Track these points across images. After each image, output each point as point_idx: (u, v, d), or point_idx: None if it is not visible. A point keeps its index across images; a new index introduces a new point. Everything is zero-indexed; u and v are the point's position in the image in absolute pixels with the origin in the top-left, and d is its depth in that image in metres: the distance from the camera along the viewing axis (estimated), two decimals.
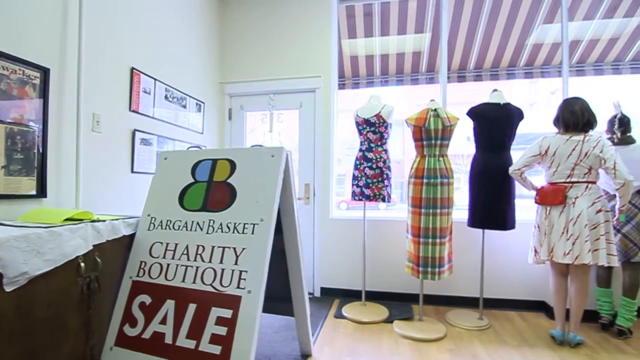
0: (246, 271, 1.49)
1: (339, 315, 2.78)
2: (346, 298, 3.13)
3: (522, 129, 2.61)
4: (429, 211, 2.47)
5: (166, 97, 2.62)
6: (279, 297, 2.10)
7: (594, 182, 2.21)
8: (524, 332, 2.51)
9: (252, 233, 1.55)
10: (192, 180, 1.76)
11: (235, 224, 1.59)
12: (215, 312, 1.47)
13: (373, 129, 2.72)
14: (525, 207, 2.76)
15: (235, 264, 1.52)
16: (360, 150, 2.78)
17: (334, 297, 3.19)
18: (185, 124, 2.87)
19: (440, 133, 2.47)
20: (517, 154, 2.46)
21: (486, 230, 2.73)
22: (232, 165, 1.72)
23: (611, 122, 2.50)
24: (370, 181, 2.70)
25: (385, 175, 2.70)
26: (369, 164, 2.71)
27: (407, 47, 3.90)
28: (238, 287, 1.48)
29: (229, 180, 1.69)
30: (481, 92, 4.28)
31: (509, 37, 3.67)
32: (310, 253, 3.26)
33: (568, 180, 2.23)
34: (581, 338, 2.28)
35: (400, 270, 3.02)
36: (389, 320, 2.67)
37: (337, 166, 3.34)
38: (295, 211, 1.83)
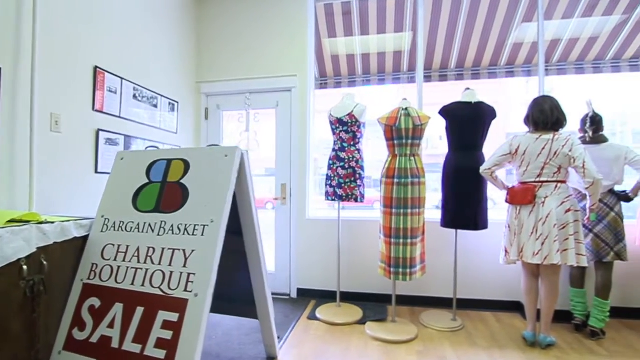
0: (194, 274, 1.46)
1: (312, 317, 2.74)
2: (323, 299, 3.09)
3: (517, 128, 2.55)
4: (399, 211, 2.44)
5: (135, 96, 2.59)
6: (242, 300, 2.07)
7: (564, 182, 2.19)
8: (497, 334, 2.49)
9: (202, 235, 1.51)
10: (147, 181, 1.73)
11: (186, 225, 1.56)
12: (162, 315, 1.44)
13: (346, 129, 2.69)
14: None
15: (184, 266, 1.49)
16: (334, 150, 2.75)
17: (311, 298, 3.16)
18: (157, 123, 2.83)
19: (411, 132, 2.45)
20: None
21: (461, 231, 2.70)
22: (186, 166, 1.68)
23: (583, 121, 2.48)
24: (343, 181, 2.67)
25: (358, 175, 2.67)
26: (342, 164, 2.68)
27: (388, 46, 3.88)
28: (185, 290, 1.45)
29: (182, 181, 1.66)
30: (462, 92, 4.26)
31: (488, 36, 3.64)
32: (287, 254, 3.23)
33: (538, 179, 2.20)
34: (552, 339, 2.26)
35: (376, 271, 2.99)
36: (362, 322, 2.64)
37: (313, 166, 3.31)
38: (253, 212, 1.80)
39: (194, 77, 3.36)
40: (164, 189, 1.67)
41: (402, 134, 2.45)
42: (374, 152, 5.47)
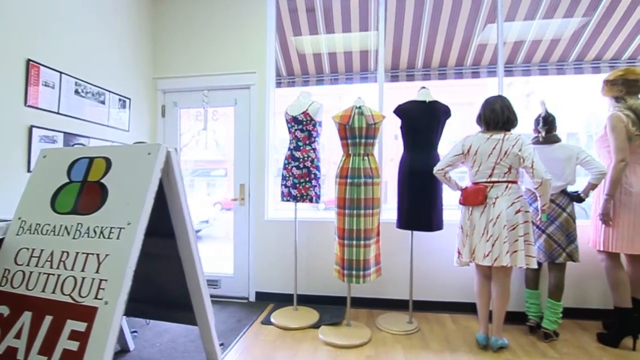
0: (106, 280, 1.36)
1: (266, 322, 2.66)
2: (281, 303, 3.01)
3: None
4: (352, 212, 2.38)
5: (77, 91, 2.46)
6: (179, 305, 1.97)
7: (515, 182, 2.16)
8: (451, 336, 2.44)
9: (118, 238, 1.41)
10: (67, 180, 1.62)
11: (102, 228, 1.46)
12: (70, 325, 1.33)
13: (301, 127, 2.61)
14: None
15: (97, 272, 1.39)
16: (289, 149, 2.67)
17: (269, 301, 3.07)
18: (105, 120, 2.71)
19: (365, 131, 2.39)
20: None
21: (419, 232, 2.66)
22: (108, 164, 1.58)
23: (536, 121, 2.46)
24: (297, 181, 2.60)
25: (313, 175, 2.60)
26: (296, 164, 2.60)
27: (354, 45, 3.82)
28: (96, 297, 1.34)
29: (102, 180, 1.55)
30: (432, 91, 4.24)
31: (453, 37, 3.62)
32: (246, 256, 3.13)
33: (489, 179, 2.17)
34: (504, 342, 2.23)
35: None
36: (316, 326, 2.57)
37: (274, 166, 3.23)
38: (185, 214, 1.71)
39: (150, 72, 3.24)
40: (83, 189, 1.57)
41: (356, 132, 2.39)
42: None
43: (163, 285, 2.01)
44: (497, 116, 2.17)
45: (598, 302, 2.67)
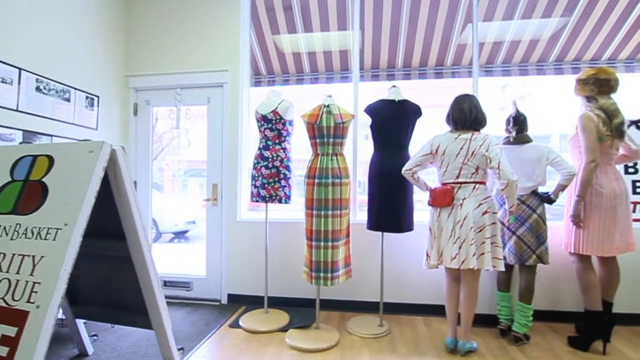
0: (39, 283, 1.30)
1: (234, 325, 2.60)
2: (253, 305, 2.95)
3: (492, 132, 2.45)
4: (320, 213, 2.33)
5: (39, 88, 2.39)
6: (135, 309, 1.91)
7: (482, 183, 2.12)
8: (421, 340, 2.40)
9: (54, 239, 1.35)
10: (9, 179, 1.56)
11: (40, 228, 1.40)
12: (1, 329, 1.27)
13: (270, 126, 2.56)
14: None
15: (31, 274, 1.33)
16: (259, 148, 2.62)
17: (242, 304, 3.01)
18: (70, 118, 2.64)
19: (333, 130, 2.34)
20: None
21: (392, 233, 2.61)
22: (51, 162, 1.52)
23: (507, 121, 2.43)
24: (266, 181, 2.54)
25: (282, 175, 2.55)
26: (265, 163, 2.55)
27: (333, 45, 3.78)
28: (28, 301, 1.28)
29: (44, 179, 1.49)
30: (411, 91, 4.21)
31: (432, 36, 3.59)
32: (219, 258, 3.07)
33: (456, 180, 2.13)
34: (472, 345, 2.19)
35: None
36: (285, 329, 2.52)
37: (247, 166, 3.17)
38: (134, 215, 1.65)
39: (122, 70, 3.17)
40: (25, 188, 1.50)
41: (324, 132, 2.35)
42: None
43: (119, 288, 1.95)
44: (465, 116, 2.14)
45: (571, 305, 2.64)
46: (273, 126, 2.55)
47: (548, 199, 2.29)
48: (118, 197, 1.62)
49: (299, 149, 2.94)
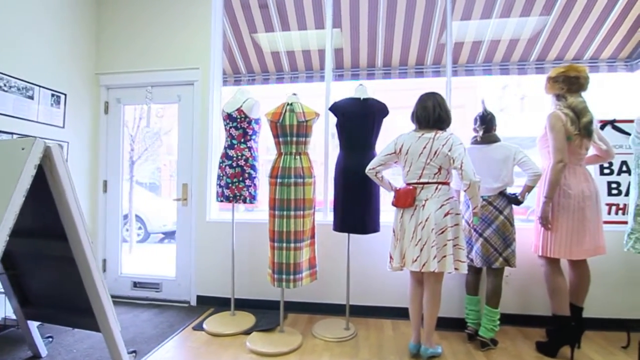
0: None
1: (198, 327, 2.55)
2: (222, 307, 2.90)
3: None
4: (282, 214, 2.28)
5: None
6: (83, 311, 1.85)
7: (445, 183, 2.06)
8: (386, 343, 2.34)
9: None
10: None
11: None
12: None
13: (235, 125, 2.51)
14: None
15: None
16: (224, 147, 2.57)
17: (211, 305, 2.96)
18: (33, 116, 2.60)
19: (296, 129, 2.29)
20: None
21: (360, 235, 2.56)
22: None
23: (475, 120, 2.37)
24: (230, 181, 2.49)
25: (247, 175, 2.50)
26: (230, 162, 2.50)
27: (312, 44, 3.74)
28: None
29: None
30: (393, 90, 4.17)
31: (410, 35, 3.54)
32: (189, 259, 3.02)
33: (419, 180, 2.07)
34: (435, 350, 2.13)
35: None
36: (249, 332, 2.46)
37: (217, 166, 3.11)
38: (75, 215, 1.60)
39: (92, 67, 3.13)
40: None
41: (287, 130, 2.30)
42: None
43: (67, 289, 1.90)
44: (428, 114, 2.08)
45: (543, 309, 2.57)
46: (238, 125, 2.50)
47: (515, 200, 2.23)
48: (57, 196, 1.58)
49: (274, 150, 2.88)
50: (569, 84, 2.16)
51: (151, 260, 5.11)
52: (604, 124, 2.69)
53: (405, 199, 2.08)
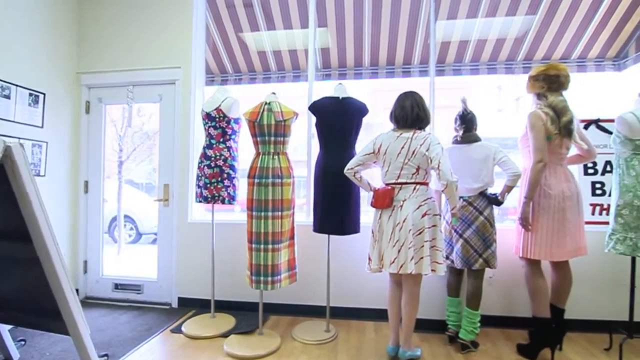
0: None
1: (176, 330, 2.51)
2: (204, 309, 2.86)
3: (488, 133, 2.36)
4: (260, 214, 2.25)
5: None
6: (53, 314, 1.81)
7: (423, 184, 2.03)
8: (366, 346, 2.31)
9: None
10: None
11: None
12: None
13: (214, 124, 2.48)
14: None
15: None
16: (203, 147, 2.53)
17: (192, 307, 2.92)
18: (10, 116, 2.56)
19: (274, 129, 2.26)
20: None
21: (343, 235, 2.52)
22: None
23: (455, 120, 2.34)
24: (209, 181, 2.46)
25: (225, 175, 2.46)
26: (208, 162, 2.46)
27: (298, 43, 3.70)
28: None
29: None
30: (382, 91, 4.14)
31: (397, 34, 3.52)
32: (170, 260, 2.98)
33: (397, 180, 2.04)
34: (413, 353, 2.10)
35: None
36: (227, 334, 2.42)
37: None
38: (38, 215, 1.57)
39: (73, 67, 3.09)
40: None
41: (264, 130, 2.26)
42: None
43: (37, 292, 1.86)
44: (406, 113, 2.05)
45: (526, 311, 2.51)
46: (217, 124, 2.46)
47: (496, 200, 2.20)
48: (19, 196, 1.54)
49: None
50: (549, 83, 2.13)
51: (139, 262, 5.07)
52: (588, 124, 2.67)
53: (384, 200, 2.05)
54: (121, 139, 5.17)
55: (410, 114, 2.04)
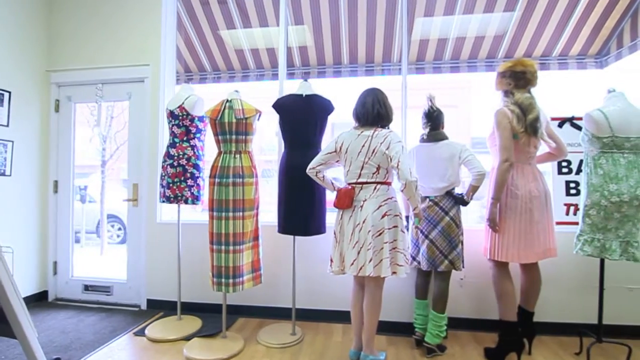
0: None
1: (139, 333, 2.46)
2: (173, 311, 2.79)
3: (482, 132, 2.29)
4: (220, 215, 2.19)
5: None
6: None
7: (385, 183, 1.97)
8: (330, 350, 2.26)
9: None
10: None
11: None
12: None
13: (177, 122, 2.42)
14: None
15: None
16: (166, 146, 2.48)
17: (161, 309, 2.87)
18: None
19: (235, 127, 2.20)
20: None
21: (307, 237, 2.46)
22: None
23: (422, 118, 2.28)
24: (171, 181, 2.40)
25: (189, 174, 2.41)
26: (171, 162, 2.41)
27: (275, 41, 3.65)
28: None
29: None
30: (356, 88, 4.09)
31: (374, 31, 3.46)
32: (139, 261, 2.93)
33: (358, 180, 1.98)
34: (375, 357, 2.03)
35: None
36: (190, 337, 2.37)
37: None
38: None
39: (42, 65, 3.04)
40: None
41: (225, 128, 2.21)
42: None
43: None
44: (366, 111, 1.99)
45: (497, 313, 2.48)
46: (180, 122, 2.41)
47: (462, 200, 2.15)
48: None
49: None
50: (516, 80, 2.07)
51: (122, 262, 5.01)
52: (562, 122, 2.61)
53: (344, 200, 1.99)
54: (104, 137, 5.13)
55: (371, 111, 1.98)
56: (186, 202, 2.41)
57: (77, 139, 3.12)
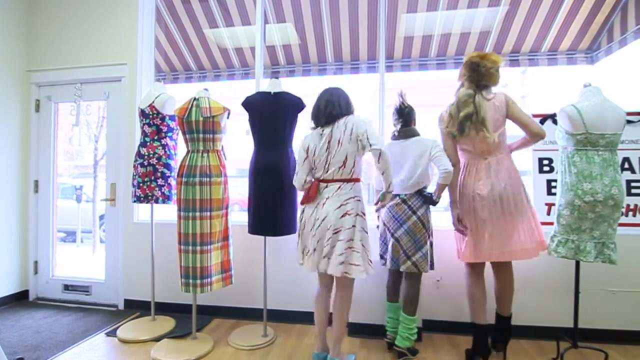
0: None
1: (111, 333, 2.45)
2: (149, 311, 2.78)
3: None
4: (188, 215, 2.17)
5: None
6: None
7: (351, 180, 1.88)
8: (300, 352, 2.21)
9: None
10: None
11: None
12: None
13: (148, 121, 2.40)
14: None
15: None
16: (137, 145, 2.46)
17: (138, 309, 2.86)
18: None
19: (202, 125, 2.17)
20: None
21: (280, 237, 2.42)
22: None
23: (393, 114, 2.22)
24: (141, 180, 2.38)
25: (159, 174, 2.39)
26: (141, 161, 2.39)
27: (258, 40, 3.60)
28: None
29: None
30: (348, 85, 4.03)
31: (357, 28, 3.40)
32: (117, 261, 2.92)
33: (323, 177, 1.92)
34: None
35: None
36: (160, 338, 2.35)
37: None
38: None
39: (22, 65, 3.05)
40: None
41: (192, 126, 2.18)
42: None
43: None
44: (320, 112, 1.92)
45: None
46: (151, 121, 2.39)
47: (431, 200, 2.07)
48: None
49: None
50: (470, 71, 1.97)
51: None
52: (544, 118, 2.52)
53: (307, 197, 1.95)
54: (96, 137, 5.16)
55: (324, 111, 1.91)
56: (157, 201, 2.39)
57: (75, 139, 3.13)
